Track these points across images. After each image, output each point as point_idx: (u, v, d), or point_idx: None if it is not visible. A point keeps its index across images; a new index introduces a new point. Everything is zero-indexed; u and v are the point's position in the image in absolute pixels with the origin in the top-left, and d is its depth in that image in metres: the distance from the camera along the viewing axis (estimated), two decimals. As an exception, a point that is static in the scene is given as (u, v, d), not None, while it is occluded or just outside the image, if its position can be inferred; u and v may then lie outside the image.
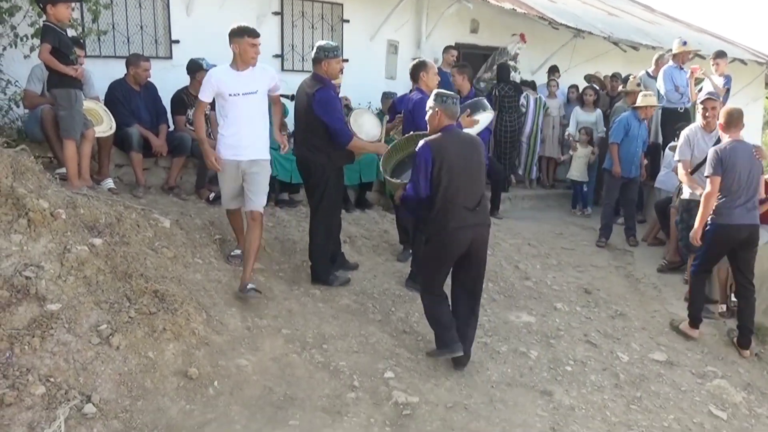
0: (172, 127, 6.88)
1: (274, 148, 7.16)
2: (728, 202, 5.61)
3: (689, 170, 6.38)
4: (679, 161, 6.42)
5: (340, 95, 7.26)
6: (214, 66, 6.80)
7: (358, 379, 4.45)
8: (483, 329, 5.53)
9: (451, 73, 7.65)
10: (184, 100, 6.83)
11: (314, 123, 5.47)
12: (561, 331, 5.73)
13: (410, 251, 6.51)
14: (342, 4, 8.99)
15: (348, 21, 9.05)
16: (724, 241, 5.71)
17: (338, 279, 5.82)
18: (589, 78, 10.43)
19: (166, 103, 6.88)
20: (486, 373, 4.86)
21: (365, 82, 8.96)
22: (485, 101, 6.40)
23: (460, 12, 9.68)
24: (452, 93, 4.85)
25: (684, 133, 6.37)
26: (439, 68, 9.36)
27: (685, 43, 8.72)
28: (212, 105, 7.02)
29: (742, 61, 12.12)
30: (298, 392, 4.22)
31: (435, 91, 4.84)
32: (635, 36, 11.17)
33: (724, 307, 6.38)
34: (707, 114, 6.38)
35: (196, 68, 6.81)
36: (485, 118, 6.21)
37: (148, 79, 6.64)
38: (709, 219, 5.70)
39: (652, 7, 15.40)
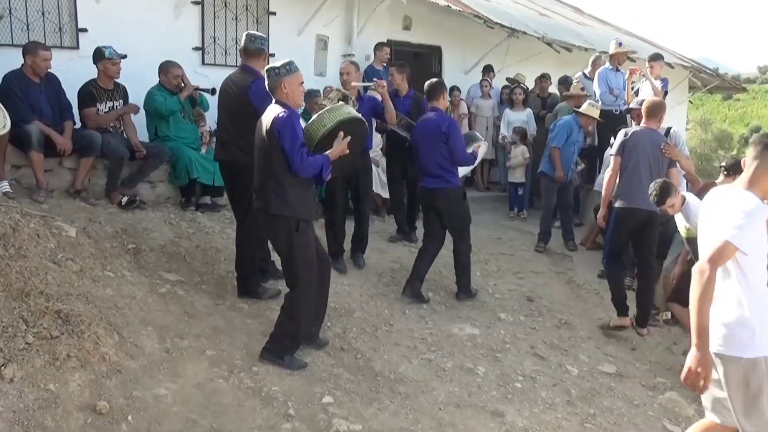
0: (78, 124, 6.17)
1: (195, 147, 6.64)
2: (628, 185, 5.76)
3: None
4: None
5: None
6: (122, 56, 6.19)
7: (293, 406, 3.98)
8: (426, 344, 5.15)
9: (390, 72, 7.24)
10: (93, 93, 6.14)
11: (249, 118, 4.88)
12: (507, 344, 5.40)
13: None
14: (268, -5, 8.45)
15: (274, 13, 8.51)
16: (626, 223, 5.81)
17: (268, 291, 5.33)
18: (511, 81, 10.28)
19: (72, 97, 6.16)
20: (432, 394, 4.46)
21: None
22: (477, 134, 6.65)
23: (393, 8, 9.30)
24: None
25: (621, 132, 6.15)
26: (370, 66, 9.08)
27: (620, 44, 8.63)
28: (125, 100, 6.47)
29: (669, 65, 12.23)
30: (226, 424, 3.71)
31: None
32: (568, 37, 11.09)
33: (669, 314, 6.21)
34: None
35: (97, 57, 6.14)
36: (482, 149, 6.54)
37: (50, 70, 5.91)
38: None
39: (581, 9, 15.49)
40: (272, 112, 4.27)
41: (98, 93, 6.16)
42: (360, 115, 4.68)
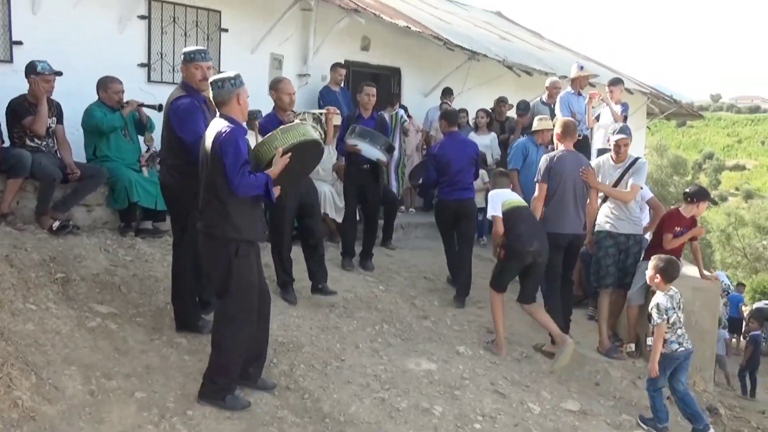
0: (7, 143, 5.71)
1: (135, 169, 6.24)
2: (554, 210, 5.83)
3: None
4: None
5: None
6: (56, 72, 5.79)
7: (230, 456, 3.59)
8: (379, 381, 4.80)
9: (367, 93, 6.92)
10: (24, 108, 5.70)
11: (171, 138, 4.60)
12: (466, 380, 5.09)
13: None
14: (219, 12, 8.10)
15: (226, 30, 8.18)
16: (554, 250, 5.78)
17: (208, 325, 4.89)
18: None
19: (1, 114, 5.73)
20: (385, 438, 4.11)
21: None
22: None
23: (351, 28, 9.03)
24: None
25: (594, 162, 6.02)
26: (326, 87, 8.79)
27: (582, 68, 8.50)
28: (59, 118, 6.04)
29: (628, 90, 12.23)
30: (151, 479, 3.31)
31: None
32: (528, 61, 10.99)
33: (632, 346, 5.99)
34: (620, 151, 6.14)
35: (29, 71, 5.71)
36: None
37: (-23, 84, 5.48)
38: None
39: (540, 34, 15.51)
40: (216, 126, 3.93)
41: (30, 108, 5.71)
42: (318, 135, 4.33)
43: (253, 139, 5.52)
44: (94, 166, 6.02)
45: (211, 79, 4.08)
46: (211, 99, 4.08)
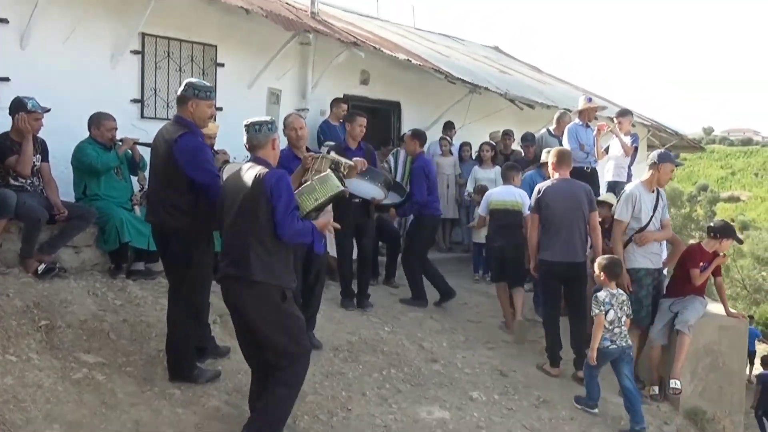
0: (-11, 183, 5.41)
1: (127, 208, 5.95)
2: (547, 239, 5.84)
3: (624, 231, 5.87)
4: (616, 220, 5.85)
5: (216, 148, 6.19)
6: (45, 109, 5.53)
7: None
8: (389, 432, 4.44)
9: (359, 123, 6.60)
10: (7, 147, 5.40)
11: (176, 178, 4.30)
12: (482, 429, 4.77)
13: None
14: (215, 46, 7.89)
15: (222, 65, 7.96)
16: (550, 277, 5.92)
17: (205, 374, 4.59)
18: (492, 136, 9.86)
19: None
20: (399, 498, 3.74)
21: (242, 134, 7.78)
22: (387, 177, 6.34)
23: (350, 62, 8.84)
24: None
25: (627, 191, 5.83)
26: (326, 122, 8.56)
27: (590, 100, 8.30)
28: (44, 156, 5.76)
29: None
30: None
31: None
32: (529, 94, 10.80)
33: (656, 389, 5.64)
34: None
35: (16, 108, 5.44)
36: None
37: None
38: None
39: (539, 68, 15.41)
40: (254, 169, 3.82)
41: (12, 146, 5.42)
42: (344, 187, 4.25)
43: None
44: (83, 205, 5.72)
45: (247, 122, 4.03)
46: (245, 142, 4.01)
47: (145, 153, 6.02)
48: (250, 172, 3.82)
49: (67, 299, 5.04)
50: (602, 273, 5.27)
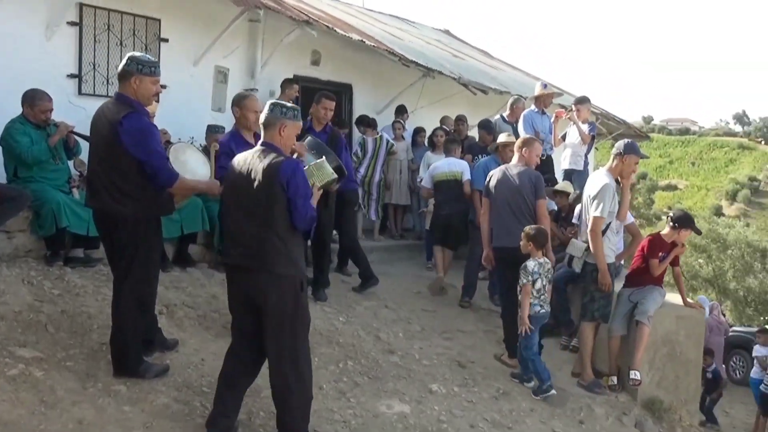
0: None
1: (65, 191, 5.56)
2: (495, 225, 5.87)
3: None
4: (597, 216, 5.48)
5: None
6: None
7: None
8: (349, 428, 4.28)
9: (323, 105, 6.42)
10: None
11: (121, 161, 4.00)
12: (443, 423, 4.61)
13: None
14: (159, 20, 7.47)
15: (167, 40, 7.54)
16: (498, 263, 5.97)
17: (152, 368, 4.31)
18: (444, 120, 9.70)
19: None
20: (361, 499, 3.56)
21: (187, 113, 7.47)
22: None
23: (301, 41, 8.52)
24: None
25: (604, 186, 5.49)
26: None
27: (545, 86, 8.23)
28: None
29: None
30: None
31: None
32: (482, 79, 10.68)
33: (614, 379, 5.60)
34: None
35: None
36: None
37: None
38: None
39: (489, 53, 15.33)
40: (267, 157, 3.69)
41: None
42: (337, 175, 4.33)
43: (196, 153, 4.98)
44: (16, 187, 5.29)
45: (270, 102, 3.91)
46: (261, 121, 3.88)
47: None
48: (262, 160, 3.69)
49: (-1, 289, 4.65)
50: (530, 242, 5.39)
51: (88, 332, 4.62)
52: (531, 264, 5.37)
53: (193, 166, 4.70)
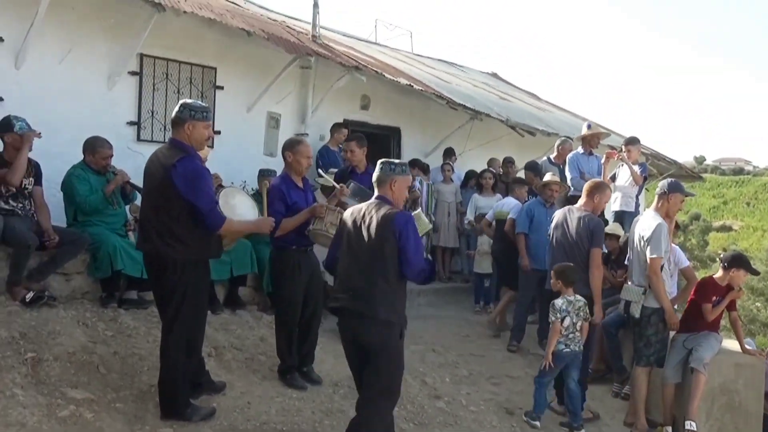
0: (-23, 206, 5.20)
1: (121, 234, 5.75)
2: (549, 267, 5.74)
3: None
4: (655, 257, 5.37)
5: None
6: (35, 132, 5.33)
7: None
8: (395, 478, 4.20)
9: (348, 148, 6.51)
10: (-1, 165, 5.22)
11: (173, 204, 4.11)
12: (491, 473, 4.50)
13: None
14: (215, 68, 7.74)
15: (222, 88, 7.80)
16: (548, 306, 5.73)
17: (199, 411, 4.36)
18: (491, 162, 9.74)
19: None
20: None
21: (240, 158, 7.69)
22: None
23: (351, 86, 8.69)
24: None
25: (658, 226, 5.41)
26: (325, 147, 8.39)
27: (590, 126, 8.19)
28: (37, 179, 5.57)
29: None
30: None
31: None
32: (530, 121, 10.67)
33: (669, 429, 5.42)
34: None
35: (4, 128, 5.27)
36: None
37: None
38: None
39: (537, 95, 15.34)
40: (382, 209, 3.99)
41: (3, 166, 5.22)
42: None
43: (245, 198, 5.10)
44: (75, 231, 5.51)
45: (381, 161, 4.17)
46: (373, 179, 4.15)
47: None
48: (377, 212, 3.96)
49: (55, 330, 4.79)
50: (558, 280, 5.40)
51: (138, 374, 4.71)
52: (559, 302, 5.35)
53: (242, 211, 4.78)
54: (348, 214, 4.16)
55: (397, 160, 4.28)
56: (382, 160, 4.19)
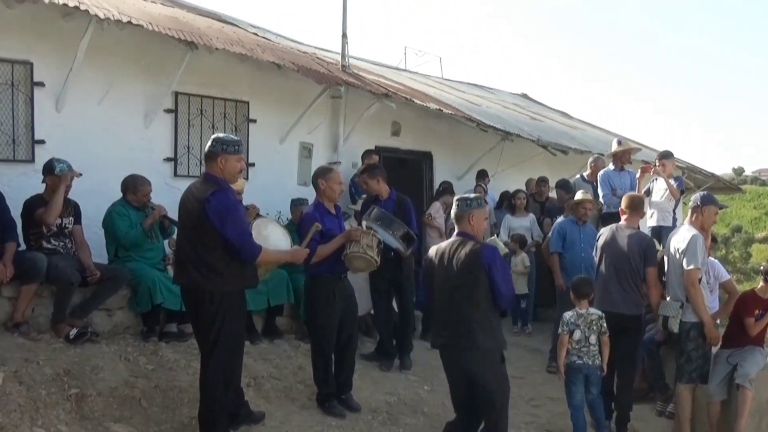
0: (22, 246, 5.37)
1: (160, 269, 5.88)
2: (600, 287, 5.59)
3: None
4: (692, 268, 5.26)
5: (245, 203, 6.09)
6: (76, 173, 5.52)
7: None
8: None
9: (363, 181, 6.57)
10: (39, 206, 5.38)
11: (207, 236, 4.17)
12: (532, 499, 4.44)
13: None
14: (248, 102, 7.92)
15: (255, 121, 7.97)
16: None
17: (237, 442, 4.38)
18: (528, 183, 9.73)
19: (18, 216, 5.42)
20: None
21: (275, 189, 7.80)
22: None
23: (381, 113, 8.80)
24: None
25: (693, 237, 5.33)
26: (357, 174, 8.45)
27: (620, 142, 8.15)
28: (76, 218, 5.74)
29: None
30: None
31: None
32: (562, 139, 10.66)
33: (717, 451, 5.28)
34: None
35: (46, 171, 5.47)
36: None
37: (-2, 186, 5.20)
38: None
39: (568, 114, 15.27)
40: (467, 245, 4.26)
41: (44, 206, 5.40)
42: None
43: (278, 229, 5.17)
44: (116, 267, 5.65)
45: (457, 198, 4.45)
46: (452, 216, 4.50)
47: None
48: (463, 248, 4.23)
49: (98, 365, 4.90)
50: (573, 293, 5.40)
51: (179, 406, 4.79)
52: (568, 315, 5.33)
53: (275, 240, 4.82)
54: (433, 253, 4.43)
55: (472, 195, 4.53)
56: (457, 197, 4.43)
